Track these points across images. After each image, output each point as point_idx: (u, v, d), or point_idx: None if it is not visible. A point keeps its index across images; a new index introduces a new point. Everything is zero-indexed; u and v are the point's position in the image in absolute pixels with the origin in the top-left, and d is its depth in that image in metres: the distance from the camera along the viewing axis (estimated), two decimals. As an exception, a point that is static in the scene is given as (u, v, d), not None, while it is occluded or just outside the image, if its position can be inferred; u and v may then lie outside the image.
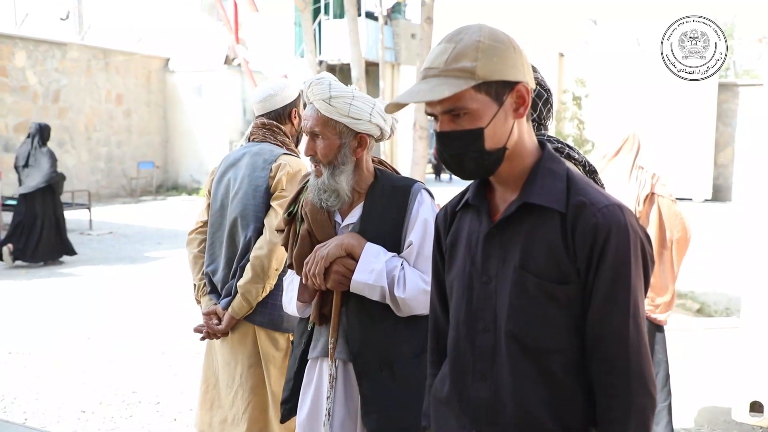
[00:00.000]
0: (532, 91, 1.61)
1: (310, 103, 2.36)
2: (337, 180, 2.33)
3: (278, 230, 2.60)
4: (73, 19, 21.81)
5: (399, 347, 2.35)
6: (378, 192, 2.40)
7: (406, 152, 17.30)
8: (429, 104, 1.58)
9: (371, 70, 18.99)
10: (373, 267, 2.28)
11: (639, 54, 19.25)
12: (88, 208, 13.45)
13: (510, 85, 1.56)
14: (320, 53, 20.45)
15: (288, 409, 2.57)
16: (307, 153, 2.38)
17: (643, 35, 18.93)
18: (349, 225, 2.41)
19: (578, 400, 1.59)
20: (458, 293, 1.71)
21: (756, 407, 4.44)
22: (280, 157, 2.98)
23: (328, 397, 2.38)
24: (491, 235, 1.64)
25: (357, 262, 2.30)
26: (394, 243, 2.36)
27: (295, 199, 2.53)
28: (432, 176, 29.27)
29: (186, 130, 21.48)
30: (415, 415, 2.06)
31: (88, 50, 19.32)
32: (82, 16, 21.92)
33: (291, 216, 2.51)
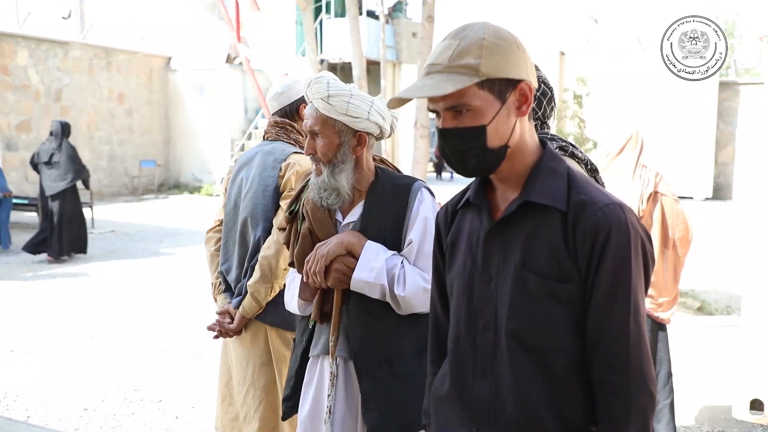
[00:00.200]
0: (534, 89, 1.60)
1: (310, 102, 2.37)
2: (337, 178, 2.34)
3: (280, 229, 2.61)
4: (75, 18, 21.82)
5: (399, 345, 2.36)
6: (379, 190, 2.40)
7: (407, 151, 17.31)
8: (432, 100, 1.57)
9: (372, 69, 18.98)
10: (374, 265, 2.28)
11: (640, 52, 19.27)
12: (90, 207, 13.45)
13: (513, 83, 1.56)
14: (321, 52, 20.45)
15: (289, 407, 2.57)
16: (307, 152, 2.39)
17: (644, 34, 18.95)
18: (349, 223, 2.42)
19: (579, 399, 1.59)
20: (459, 292, 1.71)
21: (756, 405, 4.46)
22: (290, 156, 2.98)
23: (329, 395, 2.38)
24: (492, 233, 1.64)
25: (357, 260, 2.31)
26: (394, 241, 2.37)
27: (296, 197, 2.54)
28: (433, 175, 29.25)
29: (188, 129, 21.49)
30: (416, 412, 2.07)
31: (90, 49, 19.33)
32: (84, 15, 21.92)
33: (292, 214, 2.52)
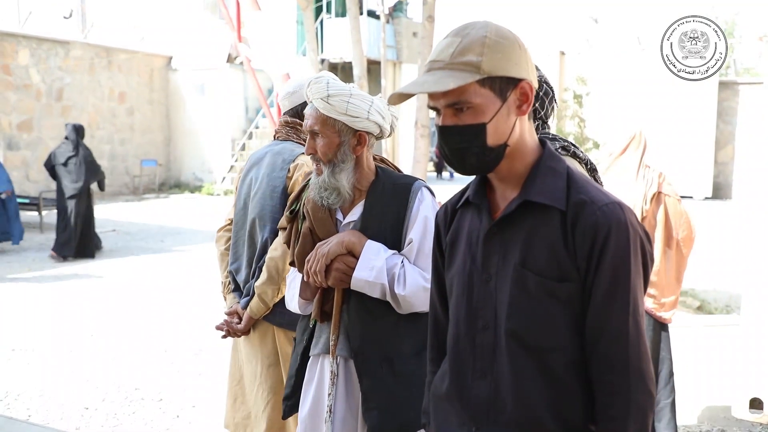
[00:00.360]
0: (535, 89, 1.61)
1: (310, 102, 2.38)
2: (338, 178, 2.34)
3: (280, 228, 2.62)
4: (77, 17, 21.81)
5: (400, 344, 2.37)
6: (379, 190, 2.41)
7: (407, 150, 17.32)
8: (432, 97, 1.58)
9: (373, 69, 18.99)
10: (374, 264, 2.29)
11: (639, 52, 19.28)
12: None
13: (514, 82, 1.56)
14: (322, 51, 20.46)
15: (289, 406, 2.58)
16: (307, 152, 2.39)
17: (644, 34, 18.97)
18: (350, 223, 2.42)
19: (578, 398, 1.59)
20: (458, 291, 1.71)
21: (756, 404, 4.47)
22: (298, 157, 2.97)
23: (329, 394, 2.39)
24: (492, 233, 1.64)
25: (358, 259, 2.31)
26: (394, 240, 2.38)
27: (297, 197, 2.55)
28: (433, 174, 29.25)
29: (189, 129, 21.49)
30: (416, 411, 2.07)
31: (91, 48, 19.33)
32: (85, 15, 21.92)
33: (293, 214, 2.53)
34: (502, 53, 1.54)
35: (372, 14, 21.46)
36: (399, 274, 2.30)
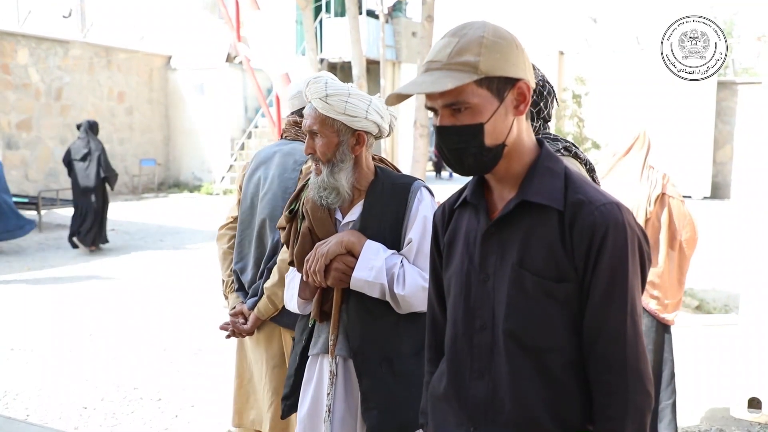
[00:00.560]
0: (532, 89, 1.61)
1: (309, 102, 2.38)
2: (337, 178, 2.35)
3: (280, 228, 2.62)
4: (76, 16, 21.77)
5: (399, 344, 2.37)
6: (378, 189, 2.41)
7: (406, 150, 17.30)
8: (430, 97, 1.58)
9: (372, 68, 18.98)
10: (373, 264, 2.29)
11: (639, 52, 19.28)
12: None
13: (511, 82, 1.56)
14: (321, 51, 20.45)
15: (288, 405, 2.58)
16: (306, 151, 2.39)
17: (643, 34, 18.96)
18: (349, 222, 2.43)
19: (576, 398, 1.59)
20: (456, 291, 1.71)
21: (754, 403, 4.48)
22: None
23: (328, 394, 2.39)
24: (489, 233, 1.64)
25: (357, 259, 2.32)
26: (393, 240, 2.38)
27: (296, 196, 2.55)
28: (432, 174, 29.24)
29: (188, 128, 21.47)
30: (415, 411, 2.08)
31: (91, 48, 19.32)
32: (84, 14, 21.88)
33: (292, 213, 2.53)
34: (499, 53, 1.54)
35: (371, 14, 21.44)
36: (398, 273, 2.31)
